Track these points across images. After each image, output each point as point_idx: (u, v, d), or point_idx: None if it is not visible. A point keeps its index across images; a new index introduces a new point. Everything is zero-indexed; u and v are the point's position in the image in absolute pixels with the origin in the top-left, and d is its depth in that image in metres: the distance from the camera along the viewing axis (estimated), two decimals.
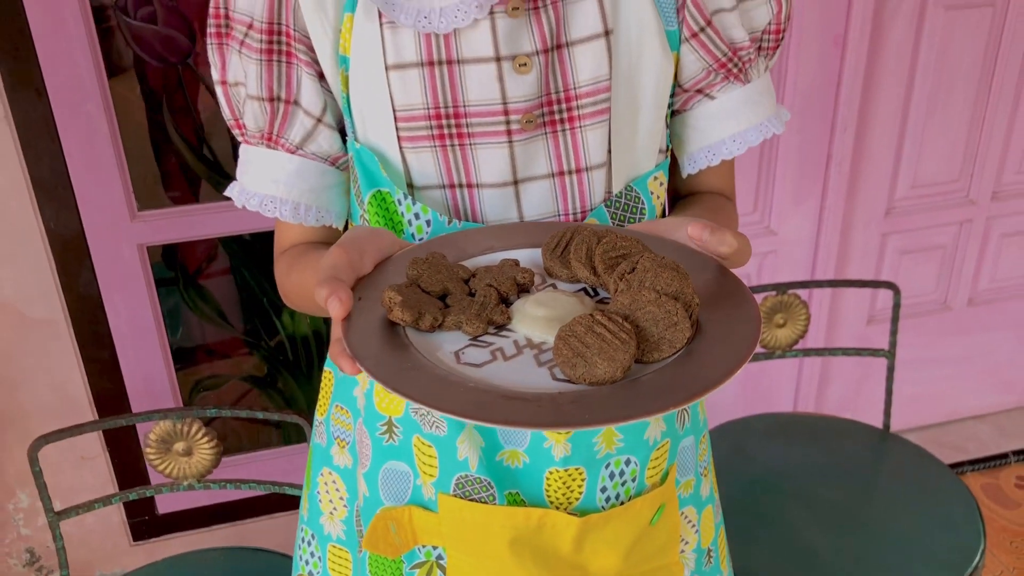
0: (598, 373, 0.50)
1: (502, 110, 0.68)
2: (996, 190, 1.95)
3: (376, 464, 0.75)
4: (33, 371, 1.49)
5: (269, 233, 1.51)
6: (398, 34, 0.67)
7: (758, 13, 0.73)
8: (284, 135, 0.72)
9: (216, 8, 0.70)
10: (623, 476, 0.73)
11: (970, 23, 1.74)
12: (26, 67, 1.28)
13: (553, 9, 0.67)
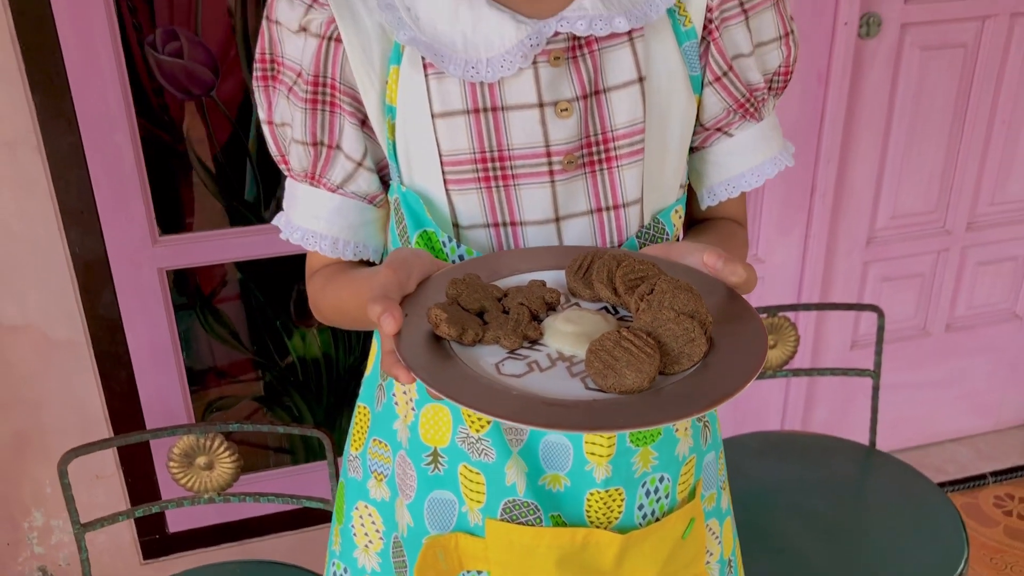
0: (627, 383, 0.56)
1: (545, 152, 0.72)
2: (971, 221, 2.05)
3: (421, 494, 0.79)
4: (54, 392, 1.54)
5: (283, 258, 1.57)
6: (444, 83, 0.71)
7: (771, 57, 0.79)
8: (326, 176, 0.76)
9: (262, 53, 0.75)
10: (658, 493, 0.78)
11: (944, 62, 1.85)
12: (59, 99, 1.35)
13: (591, 58, 0.72)
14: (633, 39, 0.72)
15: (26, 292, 1.46)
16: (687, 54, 0.75)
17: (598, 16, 0.69)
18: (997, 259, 2.13)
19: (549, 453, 0.75)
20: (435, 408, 0.77)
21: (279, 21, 0.74)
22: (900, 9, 1.77)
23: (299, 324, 1.67)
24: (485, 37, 0.69)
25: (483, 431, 0.74)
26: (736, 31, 0.75)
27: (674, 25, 0.74)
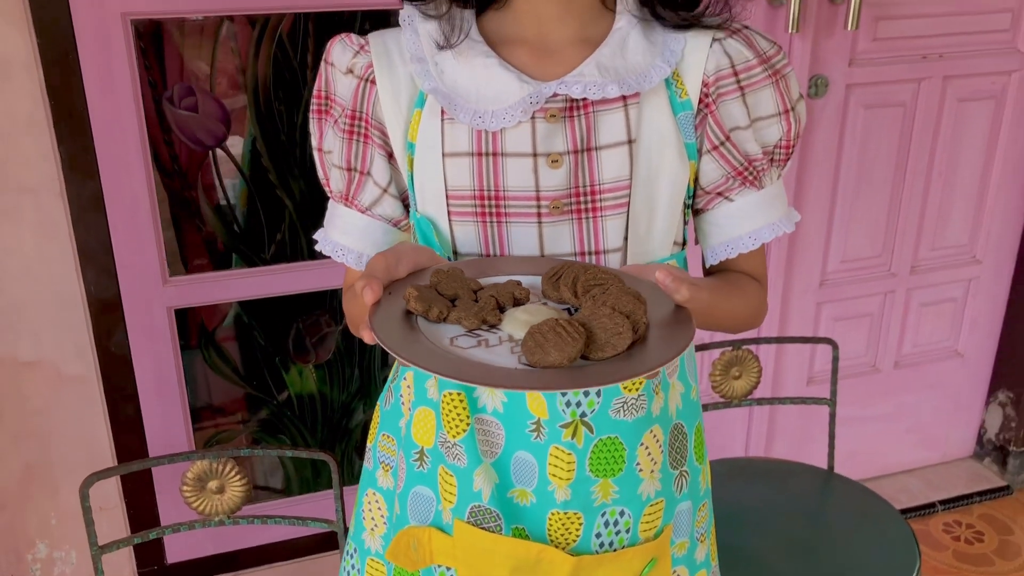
0: (550, 359, 0.65)
1: (535, 196, 0.81)
2: (914, 264, 2.22)
3: (408, 487, 0.87)
4: (63, 425, 1.62)
5: (282, 297, 1.68)
6: (455, 128, 0.81)
7: (769, 131, 0.85)
8: (357, 198, 0.88)
9: (319, 91, 0.87)
10: (617, 526, 0.83)
11: (885, 120, 2.03)
12: (83, 150, 1.46)
13: (586, 118, 0.80)
14: (627, 104, 0.81)
15: (42, 329, 1.54)
16: (682, 123, 0.83)
17: (593, 83, 0.79)
18: (938, 300, 2.29)
19: (519, 468, 0.82)
20: (424, 411, 0.85)
21: (334, 63, 0.86)
22: (845, 72, 1.95)
23: (296, 360, 1.77)
24: (494, 92, 0.80)
25: (458, 438, 0.81)
26: (732, 105, 0.83)
27: (670, 95, 0.82)
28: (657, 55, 0.81)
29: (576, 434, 0.80)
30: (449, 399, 0.81)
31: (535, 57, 0.81)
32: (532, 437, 0.81)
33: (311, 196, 1.66)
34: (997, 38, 2.06)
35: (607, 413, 0.81)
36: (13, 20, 1.36)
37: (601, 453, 0.81)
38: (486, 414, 0.82)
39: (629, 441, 0.82)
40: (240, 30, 1.56)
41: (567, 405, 0.80)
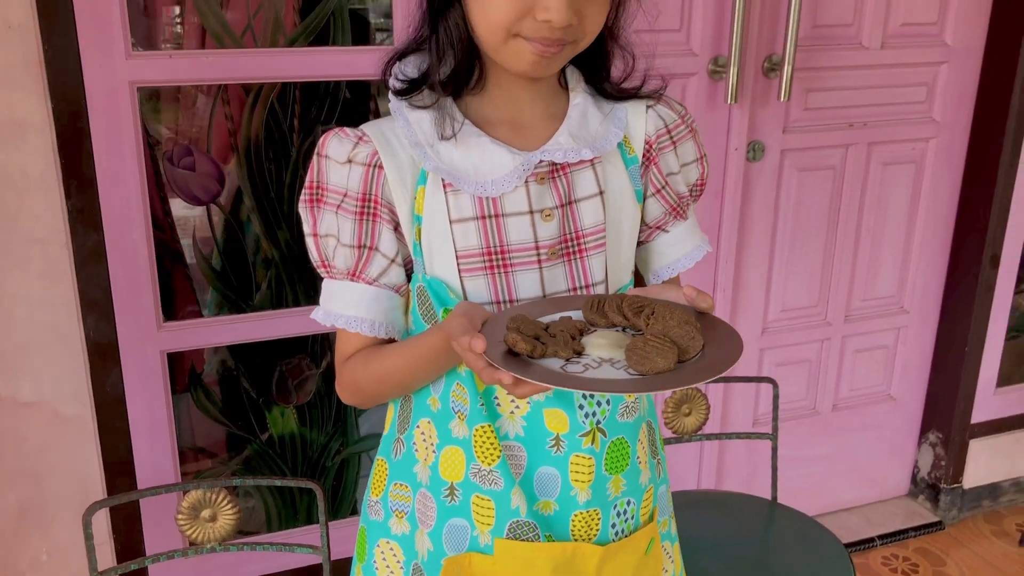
0: (660, 365, 0.79)
1: (534, 247, 0.96)
2: (847, 313, 2.41)
3: (440, 522, 0.98)
4: (58, 464, 1.71)
5: (268, 342, 1.81)
6: (459, 198, 0.94)
7: (691, 173, 1.05)
8: (365, 272, 0.96)
9: (311, 183, 0.96)
10: (626, 514, 0.99)
11: (817, 181, 2.24)
12: (89, 204, 1.58)
13: (565, 178, 0.96)
14: (594, 164, 0.98)
15: (42, 371, 1.65)
16: (632, 175, 1.01)
17: (570, 149, 0.95)
18: (871, 347, 2.48)
19: (542, 483, 0.96)
20: (452, 450, 0.98)
21: (328, 156, 0.95)
22: (780, 138, 2.15)
23: (278, 402, 1.89)
24: (490, 165, 0.94)
25: (493, 464, 0.95)
26: (668, 156, 1.03)
27: (623, 154, 1.01)
28: (610, 123, 0.99)
29: (594, 440, 0.96)
30: (481, 431, 0.95)
31: (515, 133, 0.97)
32: (552, 452, 0.96)
33: (296, 248, 1.80)
34: (915, 108, 2.29)
35: (615, 418, 0.98)
36: (31, 88, 1.50)
37: (613, 453, 0.98)
38: (509, 440, 0.96)
39: (631, 439, 1.00)
40: (234, 96, 1.71)
41: (585, 416, 0.96)
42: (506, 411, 0.97)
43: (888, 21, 2.17)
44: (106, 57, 1.53)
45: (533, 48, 0.89)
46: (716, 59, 2.01)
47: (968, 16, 2.24)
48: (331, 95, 1.76)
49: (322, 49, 1.71)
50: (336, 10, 1.71)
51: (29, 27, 1.47)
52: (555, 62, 0.92)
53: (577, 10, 0.87)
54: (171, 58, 1.62)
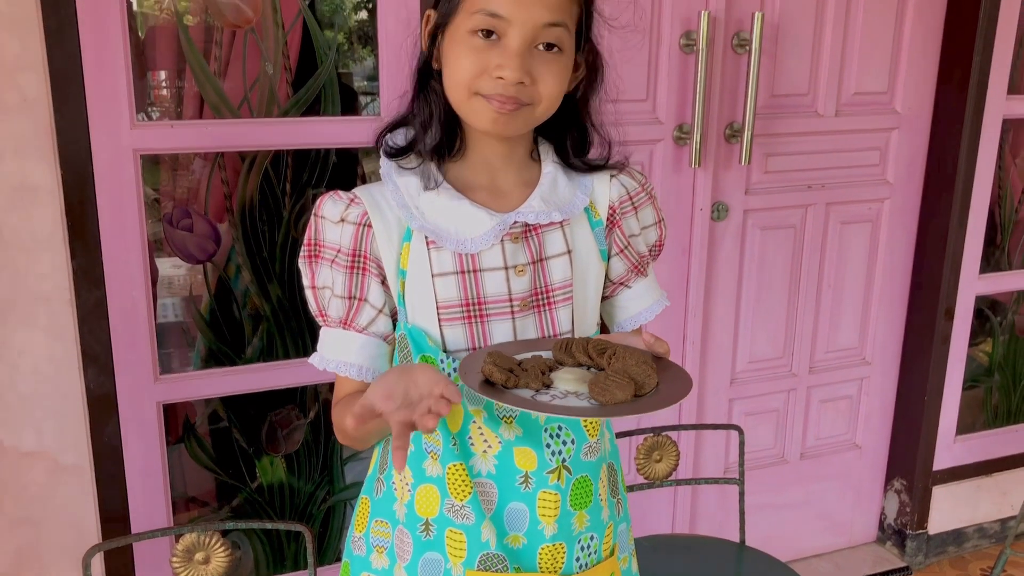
0: (619, 397, 0.91)
1: (508, 299, 1.06)
2: (811, 365, 2.53)
3: (416, 556, 1.07)
4: (56, 512, 1.79)
5: (259, 393, 1.90)
6: (440, 253, 1.04)
7: (651, 235, 1.17)
8: (355, 321, 1.06)
9: (309, 240, 1.07)
10: (589, 548, 1.09)
11: (779, 239, 2.37)
12: (93, 263, 1.68)
13: (537, 238, 1.07)
14: (563, 226, 1.09)
15: (44, 422, 1.73)
16: (597, 236, 1.12)
17: (542, 212, 1.06)
18: (835, 397, 2.59)
19: (511, 518, 1.05)
20: (426, 488, 1.07)
21: (324, 216, 1.06)
22: (742, 199, 2.29)
23: (268, 451, 1.97)
24: (469, 225, 1.04)
25: (465, 499, 1.04)
26: (630, 220, 1.14)
27: (589, 217, 1.12)
28: (577, 190, 1.11)
29: (560, 477, 1.06)
30: (453, 469, 1.05)
31: (492, 196, 1.08)
32: (522, 488, 1.05)
33: (287, 304, 1.91)
34: (869, 171, 2.43)
35: (580, 457, 1.08)
36: (42, 155, 1.61)
37: (578, 489, 1.08)
38: (482, 477, 1.06)
39: (594, 477, 1.09)
40: (230, 162, 1.83)
41: (552, 454, 1.06)
42: (479, 450, 1.06)
43: (841, 91, 2.33)
44: (112, 127, 1.64)
45: (491, 105, 1.00)
46: (681, 126, 2.15)
47: (916, 86, 2.40)
48: (321, 161, 1.88)
49: (313, 119, 1.84)
50: (327, 83, 1.84)
51: (43, 100, 1.59)
52: (513, 121, 1.02)
53: (529, 72, 0.99)
54: (172, 127, 1.74)
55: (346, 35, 1.93)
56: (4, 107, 1.57)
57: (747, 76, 2.12)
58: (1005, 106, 2.41)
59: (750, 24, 2.11)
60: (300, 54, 1.83)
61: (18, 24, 1.55)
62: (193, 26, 1.76)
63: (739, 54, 2.16)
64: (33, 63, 1.57)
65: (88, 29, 1.59)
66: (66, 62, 1.58)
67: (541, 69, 1.01)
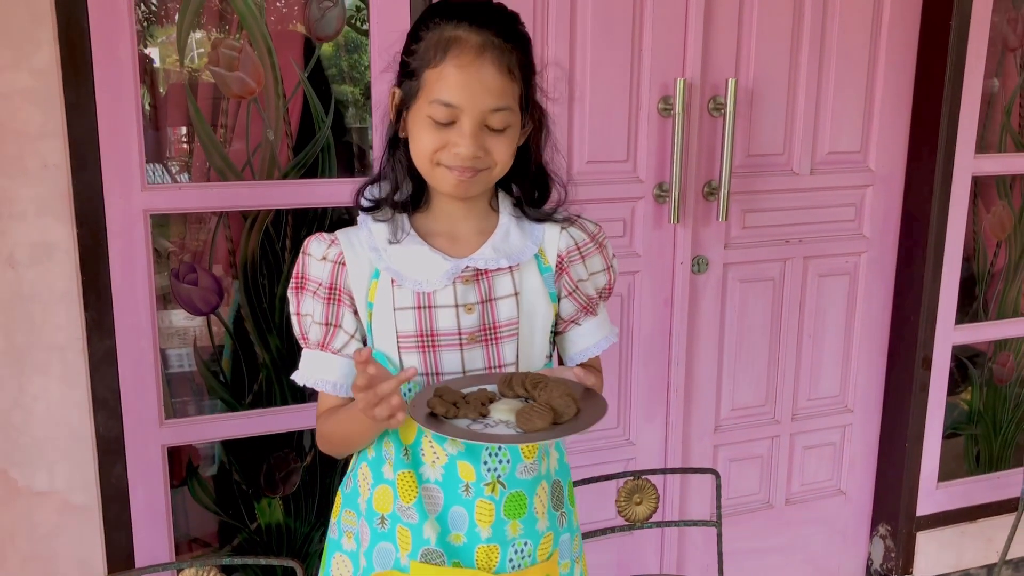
0: (538, 425, 1.08)
1: (457, 333, 1.22)
2: (794, 412, 2.61)
3: (372, 544, 1.24)
4: (65, 550, 1.89)
5: (258, 437, 2.01)
6: (402, 292, 1.21)
7: (600, 280, 1.32)
8: (331, 344, 1.24)
9: (297, 274, 1.24)
10: (523, 552, 1.23)
11: (758, 291, 2.48)
12: (104, 316, 1.81)
13: (487, 280, 1.23)
14: (512, 271, 1.24)
15: (56, 463, 1.85)
16: (546, 280, 1.27)
17: (491, 258, 1.23)
18: (819, 444, 2.67)
19: (454, 519, 1.21)
20: (383, 488, 1.23)
21: (310, 254, 1.24)
22: (722, 253, 2.40)
23: (266, 492, 2.08)
24: (427, 268, 1.21)
25: (411, 503, 1.20)
26: (577, 267, 1.29)
27: (538, 263, 1.27)
28: (528, 239, 1.27)
29: (494, 490, 1.21)
30: (403, 476, 1.21)
31: (450, 243, 1.25)
32: (463, 496, 1.21)
33: (285, 353, 2.03)
34: (845, 226, 2.55)
35: (514, 474, 1.23)
36: (60, 215, 1.75)
37: (511, 502, 1.22)
38: (430, 483, 1.21)
39: (528, 493, 1.24)
40: (233, 221, 1.96)
41: (488, 470, 1.20)
42: (428, 460, 1.22)
43: (816, 150, 2.45)
44: (125, 190, 1.78)
45: (452, 174, 1.17)
46: (660, 185, 2.27)
47: (888, 145, 2.52)
48: (319, 219, 2.01)
49: (312, 181, 1.97)
50: (324, 147, 1.98)
51: (62, 166, 1.73)
52: (474, 185, 1.19)
53: (482, 145, 1.15)
54: (180, 189, 1.88)
55: (359, 93, 2.07)
56: (27, 172, 1.72)
57: (723, 138, 2.25)
58: (974, 164, 2.52)
59: (725, 89, 2.24)
60: (300, 121, 1.97)
61: (42, 98, 1.70)
62: (201, 97, 1.91)
63: (715, 117, 2.29)
64: (54, 132, 1.72)
65: (104, 102, 1.74)
66: (84, 132, 1.73)
67: (492, 142, 1.17)
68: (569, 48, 2.14)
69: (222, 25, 1.89)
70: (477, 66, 1.13)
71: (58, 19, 1.69)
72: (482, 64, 1.14)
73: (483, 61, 1.14)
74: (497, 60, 1.14)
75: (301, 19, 1.96)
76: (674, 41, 2.22)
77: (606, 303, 1.37)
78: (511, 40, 1.17)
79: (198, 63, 1.92)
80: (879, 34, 2.45)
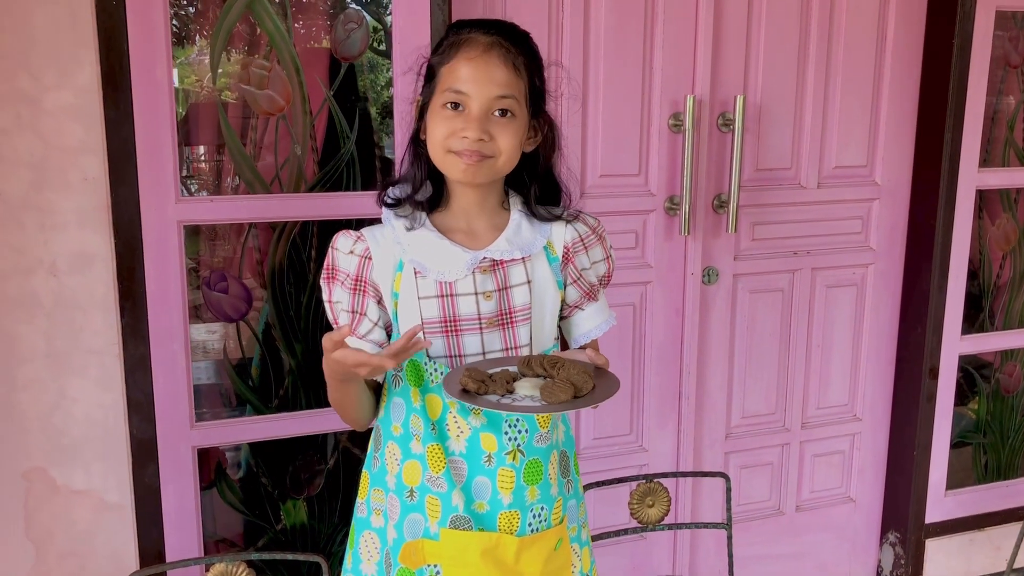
0: (562, 397, 1.19)
1: (477, 318, 1.33)
2: (804, 421, 2.68)
3: (403, 516, 1.35)
4: (100, 547, 1.98)
5: (285, 439, 2.09)
6: (425, 282, 1.32)
7: (600, 268, 1.43)
8: (357, 330, 1.34)
9: (328, 266, 1.36)
10: (539, 517, 1.35)
11: (768, 302, 2.55)
12: (139, 322, 1.90)
13: (503, 270, 1.34)
14: (525, 261, 1.36)
15: (92, 464, 1.93)
16: (554, 269, 1.39)
17: (506, 250, 1.34)
18: (828, 452, 2.73)
19: (477, 488, 1.32)
20: (412, 463, 1.34)
21: (338, 248, 1.35)
22: (732, 264, 2.47)
23: (292, 494, 2.16)
24: (448, 259, 1.32)
25: (440, 472, 1.32)
26: (581, 256, 1.40)
27: (547, 254, 1.38)
28: (537, 233, 1.38)
29: (515, 458, 1.33)
30: (432, 449, 1.33)
31: (467, 237, 1.36)
32: (486, 466, 1.32)
33: (311, 358, 2.11)
34: (852, 238, 2.62)
35: (532, 443, 1.34)
36: (99, 227, 1.84)
37: (530, 469, 1.34)
38: (454, 456, 1.33)
39: (544, 460, 1.35)
40: (262, 232, 2.06)
41: (509, 440, 1.32)
42: (453, 434, 1.33)
43: (823, 164, 2.53)
44: (160, 202, 1.88)
45: (461, 158, 1.28)
46: (671, 198, 2.35)
47: (894, 159, 2.60)
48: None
49: (337, 194, 2.06)
50: (349, 161, 2.08)
51: (101, 179, 1.83)
52: (480, 171, 1.29)
53: (487, 131, 1.27)
54: (212, 201, 1.98)
55: (378, 112, 2.17)
56: (68, 185, 1.82)
57: (731, 152, 2.33)
58: (978, 178, 2.59)
59: (733, 106, 2.32)
60: (325, 136, 2.07)
61: (83, 114, 1.80)
62: (231, 114, 2.00)
63: (724, 132, 2.37)
64: (94, 147, 1.82)
65: (142, 119, 1.83)
66: (122, 146, 1.83)
67: (497, 129, 1.29)
68: (583, 66, 2.23)
69: (252, 46, 1.99)
70: (484, 59, 1.27)
71: (100, 41, 1.79)
72: (489, 58, 1.27)
73: (490, 55, 1.27)
74: (503, 56, 1.28)
75: (327, 39, 2.06)
76: (684, 60, 2.30)
77: (605, 290, 1.48)
78: (518, 44, 1.31)
79: (229, 82, 2.01)
80: (884, 51, 2.53)
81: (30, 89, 1.77)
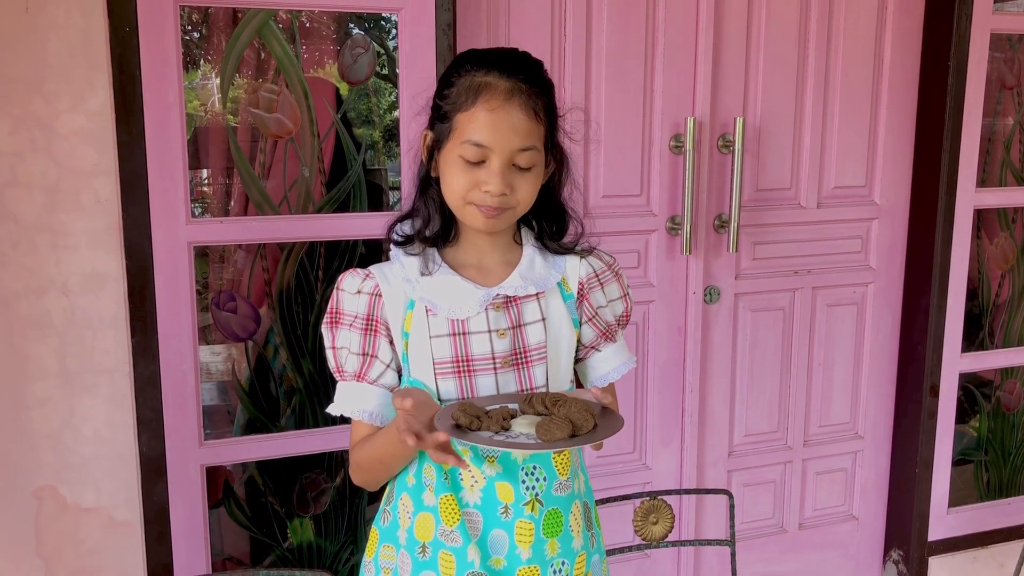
0: (558, 435, 1.13)
1: (491, 357, 1.27)
2: (806, 439, 2.69)
3: (414, 574, 1.28)
4: (108, 564, 1.99)
5: (292, 458, 2.12)
6: (436, 320, 1.26)
7: (618, 307, 1.38)
8: (367, 375, 1.28)
9: (332, 309, 1.30)
10: (560, 572, 1.28)
11: (769, 320, 2.57)
12: (149, 341, 1.93)
13: (516, 307, 1.29)
14: (539, 298, 1.30)
15: (102, 481, 1.96)
16: (569, 306, 1.33)
17: (520, 286, 1.29)
18: (830, 470, 2.75)
19: (494, 542, 1.25)
20: (424, 515, 1.27)
21: (344, 289, 1.30)
22: (733, 283, 2.50)
23: (299, 512, 2.18)
24: (460, 296, 1.27)
25: (454, 525, 1.24)
26: (597, 294, 1.35)
27: (561, 290, 1.33)
28: (551, 268, 1.34)
29: (533, 508, 1.26)
30: (445, 500, 1.27)
31: (479, 274, 1.31)
32: (502, 518, 1.26)
33: (318, 377, 2.14)
34: (852, 257, 2.65)
35: (551, 492, 1.28)
36: (111, 247, 1.87)
37: (549, 520, 1.28)
38: (469, 507, 1.27)
39: (564, 510, 1.29)
40: (270, 253, 2.09)
41: (526, 489, 1.26)
42: (467, 484, 1.26)
43: (822, 185, 2.56)
44: (171, 223, 1.91)
45: (482, 212, 1.24)
46: (673, 218, 2.39)
47: (892, 180, 2.63)
48: (350, 250, 2.13)
49: (344, 215, 2.10)
50: (356, 183, 2.11)
51: (113, 201, 1.86)
52: (500, 221, 1.26)
53: (509, 184, 1.22)
54: (221, 223, 2.01)
55: (381, 134, 2.21)
56: (81, 207, 1.85)
57: (732, 173, 2.37)
58: (976, 197, 2.62)
59: (733, 127, 2.36)
60: (332, 159, 2.10)
61: (96, 138, 1.84)
62: (240, 136, 2.04)
63: (724, 153, 2.41)
64: (107, 170, 1.85)
65: (153, 142, 1.87)
66: (134, 169, 1.86)
67: (518, 181, 1.24)
68: (585, 90, 2.27)
69: (261, 70, 2.04)
70: (506, 109, 1.20)
71: (112, 66, 1.83)
72: (511, 107, 1.21)
73: (511, 105, 1.21)
74: (524, 104, 1.22)
75: (334, 65, 2.10)
76: (684, 82, 2.34)
77: (623, 331, 1.42)
78: (537, 85, 1.24)
79: (238, 105, 2.05)
80: (881, 73, 2.57)
81: (44, 113, 1.81)
